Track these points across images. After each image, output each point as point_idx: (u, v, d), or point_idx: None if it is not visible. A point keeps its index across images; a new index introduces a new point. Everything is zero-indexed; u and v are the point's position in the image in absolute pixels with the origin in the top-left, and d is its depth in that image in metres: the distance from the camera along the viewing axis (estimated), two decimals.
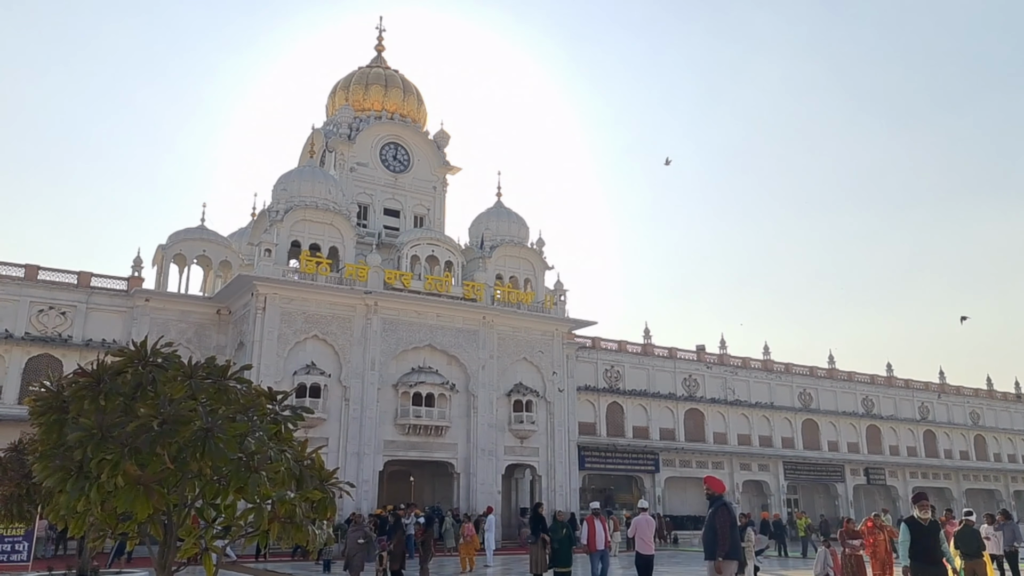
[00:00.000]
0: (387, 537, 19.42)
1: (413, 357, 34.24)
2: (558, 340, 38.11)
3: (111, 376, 5.87)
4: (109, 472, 5.29)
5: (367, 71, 43.08)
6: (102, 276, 33.54)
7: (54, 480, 5.54)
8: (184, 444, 5.48)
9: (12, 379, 30.58)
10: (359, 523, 18.94)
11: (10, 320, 31.07)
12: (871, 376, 55.15)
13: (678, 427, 45.34)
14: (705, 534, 11.34)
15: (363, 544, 17.07)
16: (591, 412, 42.77)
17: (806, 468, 48.76)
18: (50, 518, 6.09)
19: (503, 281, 37.98)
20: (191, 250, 35.92)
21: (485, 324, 35.81)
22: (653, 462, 42.85)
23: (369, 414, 32.33)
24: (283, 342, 31.33)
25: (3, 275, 31.63)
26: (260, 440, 5.92)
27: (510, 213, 39.96)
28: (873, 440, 52.83)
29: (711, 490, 11.56)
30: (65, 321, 32.09)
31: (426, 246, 36.17)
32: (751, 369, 49.74)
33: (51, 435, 5.82)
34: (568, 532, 17.32)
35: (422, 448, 33.79)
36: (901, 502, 51.32)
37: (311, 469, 6.29)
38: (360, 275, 33.32)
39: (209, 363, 6.35)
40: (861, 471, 50.71)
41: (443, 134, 42.31)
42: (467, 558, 22.86)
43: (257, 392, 6.38)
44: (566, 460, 37.13)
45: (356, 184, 38.94)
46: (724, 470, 45.52)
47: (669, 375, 46.37)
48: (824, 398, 51.97)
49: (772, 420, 48.85)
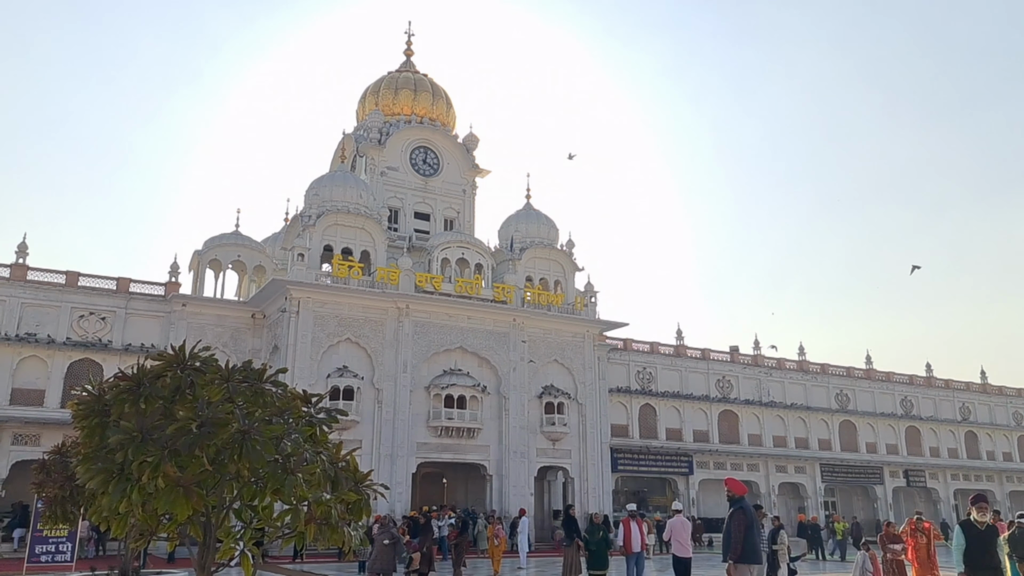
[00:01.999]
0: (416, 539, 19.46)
1: (444, 359, 34.39)
2: (589, 342, 38.00)
3: (151, 380, 5.98)
4: (150, 474, 5.38)
5: (396, 76, 43.39)
6: (140, 282, 34.18)
7: (97, 482, 5.64)
8: (222, 446, 5.57)
9: (55, 383, 31.25)
10: (385, 525, 18.96)
11: (52, 326, 31.77)
12: (910, 376, 54.19)
13: (712, 429, 44.96)
14: (724, 536, 11.35)
15: (389, 545, 17.11)
16: (623, 414, 42.57)
17: (844, 470, 48.06)
18: (93, 519, 6.20)
19: (533, 283, 37.99)
20: (226, 255, 36.48)
21: (515, 326, 35.84)
22: (687, 464, 42.55)
23: (402, 416, 32.52)
24: (316, 345, 31.64)
25: (45, 282, 32.36)
26: (296, 442, 6.00)
27: (539, 215, 39.97)
28: (913, 441, 51.90)
29: (731, 492, 11.56)
30: (105, 326, 32.73)
31: (456, 249, 36.31)
32: (786, 370, 49.17)
33: (93, 438, 5.94)
34: (604, 534, 17.27)
35: (454, 450, 33.90)
36: (942, 505, 50.40)
37: (346, 471, 6.35)
38: (391, 278, 33.54)
39: (245, 367, 6.44)
40: (900, 473, 49.84)
41: (472, 137, 42.45)
42: (498, 560, 22.46)
43: (292, 395, 6.46)
44: (599, 462, 37.00)
45: (387, 188, 39.22)
46: (759, 472, 45.06)
47: (702, 376, 46.01)
48: (862, 399, 51.17)
49: (808, 421, 48.23)
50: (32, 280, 32.13)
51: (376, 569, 16.78)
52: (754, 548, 11.22)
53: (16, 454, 29.70)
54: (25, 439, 30.05)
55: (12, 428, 29.93)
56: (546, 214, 40.18)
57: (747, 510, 11.30)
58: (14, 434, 29.99)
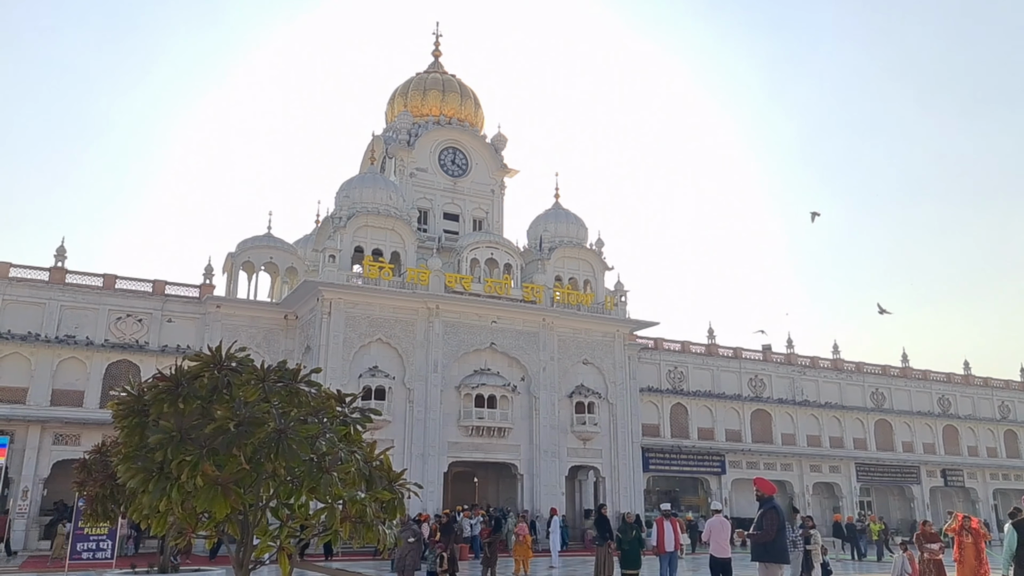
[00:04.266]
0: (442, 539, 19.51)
1: (475, 359, 34.50)
2: (619, 341, 37.88)
3: (189, 380, 6.07)
4: (189, 473, 5.47)
5: (425, 77, 43.59)
6: (175, 284, 34.73)
7: (137, 481, 5.74)
8: (259, 445, 5.64)
9: (93, 384, 31.86)
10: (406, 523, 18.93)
11: (91, 328, 32.39)
12: (947, 374, 53.29)
13: (744, 428, 44.57)
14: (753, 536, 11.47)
15: (414, 543, 17.17)
16: (655, 413, 42.36)
17: (879, 470, 47.38)
18: (133, 517, 6.32)
19: (562, 283, 37.96)
20: (259, 257, 36.93)
21: (545, 326, 35.84)
22: (719, 463, 42.22)
23: (433, 416, 32.69)
24: (348, 346, 31.92)
25: (84, 284, 33.03)
26: (331, 441, 6.05)
27: (568, 214, 39.91)
28: (950, 441, 51.00)
29: (761, 492, 11.63)
30: (142, 328, 33.29)
31: (485, 249, 36.40)
32: (820, 369, 48.60)
33: (133, 437, 6.04)
34: (637, 534, 17.23)
35: (485, 449, 33.99)
36: (981, 505, 49.45)
37: (380, 470, 6.40)
38: (421, 279, 33.73)
39: (280, 367, 6.51)
40: (938, 473, 49.00)
41: (500, 137, 42.52)
42: (521, 560, 21.61)
43: (327, 395, 6.52)
44: (630, 462, 36.88)
45: (416, 189, 39.43)
46: (793, 472, 44.59)
47: (734, 375, 45.63)
48: (898, 398, 50.40)
49: (843, 420, 47.62)
50: (71, 283, 32.80)
51: (401, 568, 16.88)
52: (783, 548, 11.35)
53: (57, 453, 30.34)
54: (65, 439, 30.68)
55: (53, 428, 30.57)
56: (575, 213, 40.12)
57: (779, 510, 11.39)
58: (55, 434, 30.64)
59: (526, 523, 24.28)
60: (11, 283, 31.67)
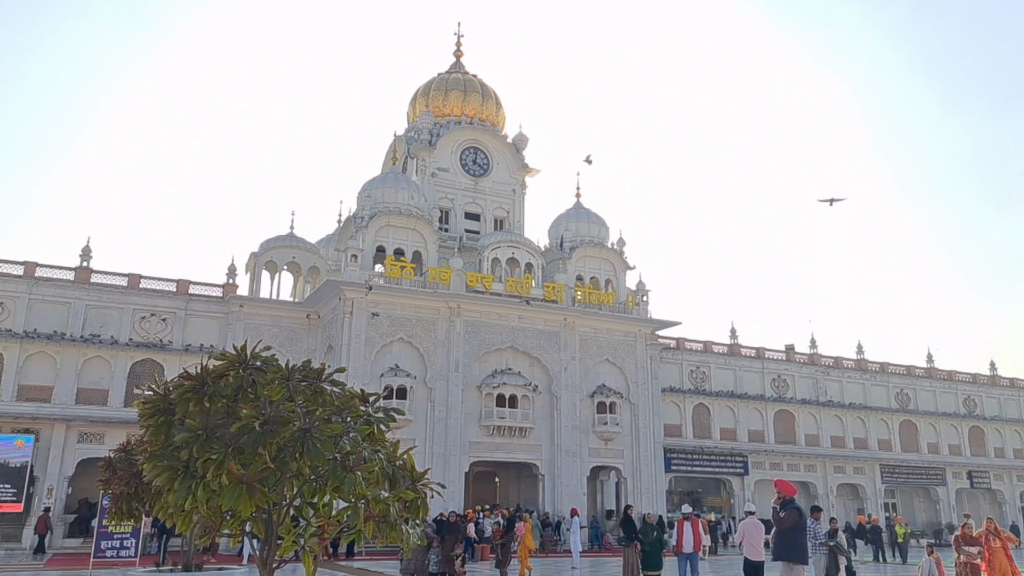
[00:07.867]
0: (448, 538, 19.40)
1: (496, 359, 34.48)
2: (641, 341, 37.70)
3: (214, 379, 6.06)
4: (214, 471, 5.46)
5: (446, 77, 43.64)
6: (199, 283, 35.01)
7: (163, 479, 5.75)
8: (284, 444, 5.62)
9: (118, 383, 32.18)
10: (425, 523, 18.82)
11: (115, 327, 32.73)
12: (973, 375, 52.57)
13: (767, 429, 44.20)
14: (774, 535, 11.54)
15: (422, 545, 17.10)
16: (677, 414, 42.10)
17: (904, 471, 46.82)
18: (159, 515, 6.33)
19: (583, 282, 37.83)
20: (281, 257, 37.14)
21: (566, 326, 35.73)
22: (742, 464, 41.89)
23: (454, 415, 32.69)
24: (370, 345, 32.01)
25: (109, 284, 33.38)
26: (354, 441, 6.03)
27: (589, 214, 39.77)
28: (976, 442, 50.29)
29: (782, 493, 11.60)
30: (165, 327, 33.59)
31: (506, 248, 36.35)
32: (844, 369, 48.11)
33: (159, 436, 6.05)
34: (658, 535, 17.14)
35: (506, 449, 33.94)
36: (1008, 507, 48.78)
37: (403, 469, 6.36)
38: (443, 279, 33.75)
39: (305, 366, 6.50)
40: (964, 474, 48.35)
41: (521, 136, 42.46)
42: (522, 560, 20.80)
43: (351, 394, 6.50)
44: (652, 462, 36.68)
45: (437, 189, 39.49)
46: (816, 473, 44.19)
47: (757, 376, 45.27)
48: (923, 398, 49.77)
49: (867, 421, 47.10)
50: (96, 283, 33.17)
51: (410, 569, 16.84)
52: (803, 548, 11.44)
53: (81, 452, 30.69)
54: (90, 437, 31.04)
55: (78, 427, 30.94)
56: (596, 212, 39.98)
57: (801, 511, 11.45)
58: (80, 433, 31.01)
59: (525, 523, 24.07)
60: (37, 283, 32.07)
